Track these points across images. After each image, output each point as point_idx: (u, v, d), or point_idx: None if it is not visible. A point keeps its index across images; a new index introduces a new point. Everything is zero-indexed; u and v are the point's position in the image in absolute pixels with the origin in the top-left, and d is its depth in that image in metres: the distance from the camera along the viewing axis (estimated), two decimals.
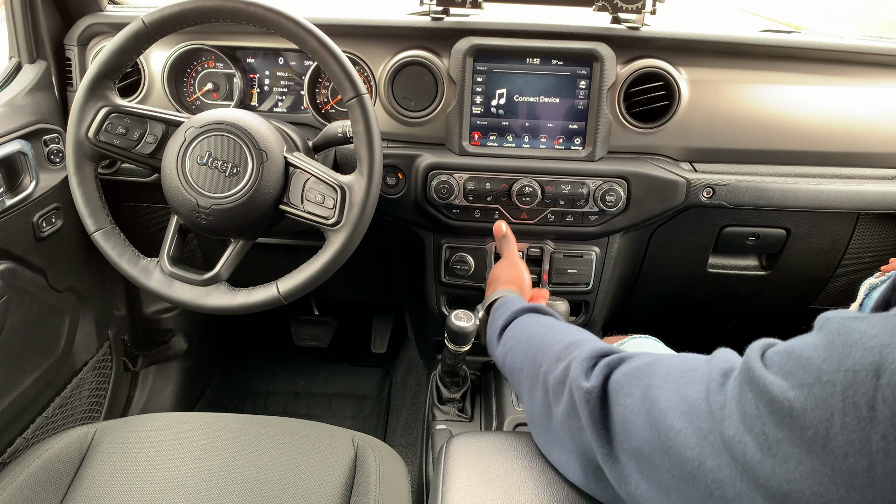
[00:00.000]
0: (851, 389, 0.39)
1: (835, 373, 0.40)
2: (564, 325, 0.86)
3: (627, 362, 0.64)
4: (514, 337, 0.88)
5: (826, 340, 0.42)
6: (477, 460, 0.81)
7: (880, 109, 1.26)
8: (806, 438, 0.41)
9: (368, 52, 1.27)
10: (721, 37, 1.25)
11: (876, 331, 0.40)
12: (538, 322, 0.88)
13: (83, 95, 1.03)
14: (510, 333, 0.90)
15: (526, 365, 0.80)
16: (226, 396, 2.04)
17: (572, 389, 0.67)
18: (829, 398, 0.40)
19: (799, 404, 0.41)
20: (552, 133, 1.26)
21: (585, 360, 0.68)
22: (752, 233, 1.38)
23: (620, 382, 0.62)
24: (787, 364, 0.44)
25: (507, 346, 0.89)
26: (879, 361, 0.38)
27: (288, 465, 0.98)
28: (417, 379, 1.92)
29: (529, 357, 0.80)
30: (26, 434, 1.27)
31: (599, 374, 0.65)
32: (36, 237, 1.22)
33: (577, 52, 1.21)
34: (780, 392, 0.43)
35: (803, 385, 0.42)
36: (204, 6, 0.99)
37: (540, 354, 0.77)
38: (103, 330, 1.54)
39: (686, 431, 0.51)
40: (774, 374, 0.45)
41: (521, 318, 0.91)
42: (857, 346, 0.40)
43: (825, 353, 0.42)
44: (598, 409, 0.63)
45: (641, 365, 0.63)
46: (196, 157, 1.01)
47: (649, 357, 0.64)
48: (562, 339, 0.77)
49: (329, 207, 1.01)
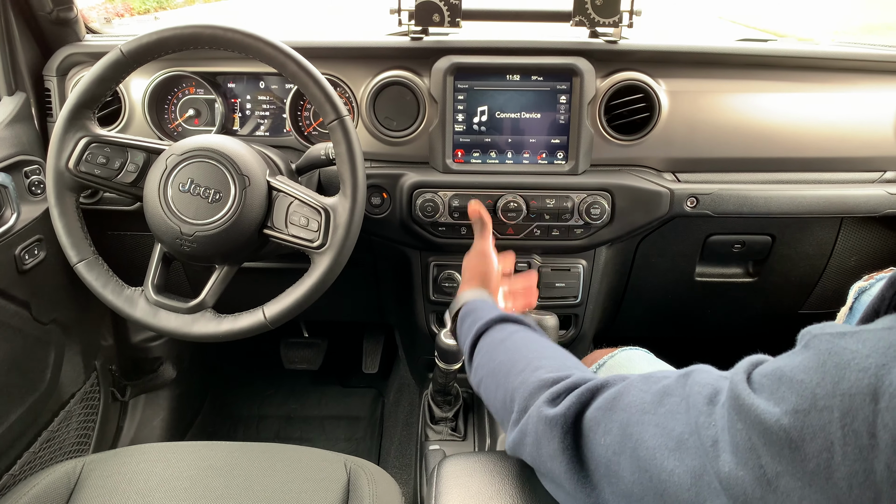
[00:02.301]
0: (850, 416, 0.36)
1: (830, 398, 0.38)
2: (525, 343, 0.80)
3: (599, 395, 0.60)
4: (482, 367, 0.82)
5: (817, 361, 0.40)
6: (469, 482, 0.80)
7: (858, 114, 1.27)
8: (808, 471, 0.38)
9: (349, 74, 1.28)
10: (698, 48, 1.26)
11: (868, 349, 0.38)
12: (501, 345, 0.81)
13: (62, 126, 1.03)
14: (477, 361, 0.84)
15: (497, 405, 0.75)
16: (217, 423, 2.01)
17: (534, 427, 0.62)
18: (828, 426, 0.37)
19: (796, 434, 0.39)
20: (535, 148, 1.27)
21: (543, 395, 0.64)
22: (737, 240, 1.39)
23: (596, 419, 0.58)
24: (778, 388, 0.42)
25: (478, 376, 0.83)
26: (876, 384, 0.36)
27: (280, 493, 0.97)
28: (410, 398, 1.91)
29: (499, 398, 0.74)
30: (13, 470, 1.25)
31: (570, 405, 0.60)
32: (18, 270, 1.21)
33: (556, 67, 1.22)
34: (774, 420, 0.40)
35: (798, 412, 0.39)
36: (181, 34, 0.99)
37: (507, 395, 0.72)
38: (90, 361, 1.52)
39: (678, 472, 0.48)
40: (765, 399, 0.42)
41: (484, 339, 0.85)
42: (851, 368, 0.38)
43: (818, 375, 0.39)
44: (573, 451, 0.59)
45: (611, 395, 0.58)
46: (178, 185, 1.00)
47: (616, 382, 0.60)
48: (520, 370, 0.72)
49: (314, 230, 1.01)
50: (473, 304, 0.95)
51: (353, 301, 1.68)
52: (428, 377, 1.53)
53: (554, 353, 0.76)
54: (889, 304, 0.44)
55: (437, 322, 1.46)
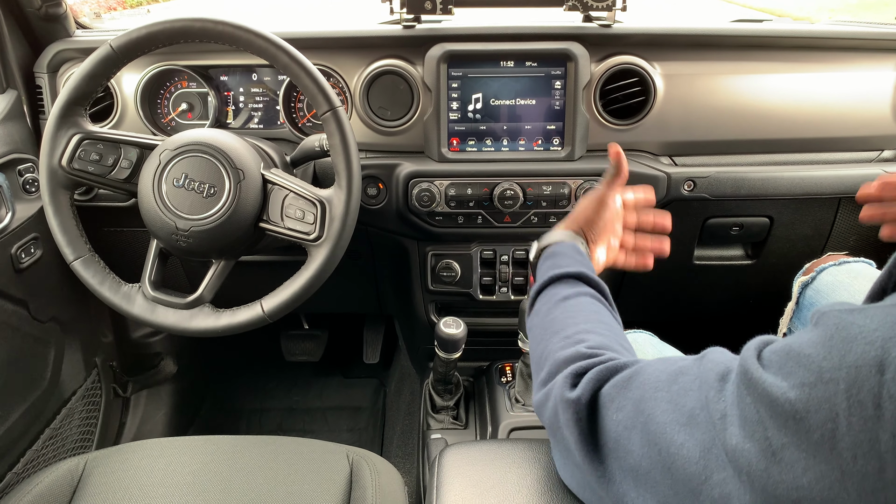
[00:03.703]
0: (855, 387, 0.37)
1: (837, 370, 0.38)
2: (586, 308, 0.78)
3: (617, 374, 0.61)
4: (538, 314, 0.81)
5: (824, 336, 0.40)
6: (470, 470, 0.80)
7: (854, 93, 1.27)
8: (812, 442, 0.39)
9: (341, 64, 1.27)
10: (693, 30, 1.25)
11: (876, 323, 0.38)
12: (563, 302, 0.79)
13: (54, 124, 1.02)
14: (537, 306, 0.83)
15: (535, 356, 0.75)
16: (219, 417, 2.02)
17: (555, 398, 0.64)
18: (833, 397, 0.38)
19: (801, 405, 0.39)
20: (530, 135, 1.26)
21: (569, 369, 0.65)
22: (735, 223, 1.38)
23: (610, 396, 0.59)
24: (786, 363, 0.42)
25: (532, 322, 0.82)
26: (882, 356, 0.36)
27: (283, 485, 0.97)
28: (411, 388, 1.91)
29: (538, 351, 0.74)
30: (17, 469, 1.25)
31: (588, 386, 0.61)
32: (15, 269, 1.21)
33: (550, 53, 1.21)
34: (781, 393, 0.41)
35: (804, 385, 0.40)
36: (171, 27, 0.98)
37: (545, 353, 0.72)
38: (90, 358, 1.52)
39: (688, 445, 0.48)
40: (773, 374, 0.42)
41: (552, 288, 0.82)
42: (858, 341, 0.38)
43: (825, 349, 0.40)
44: (587, 424, 0.60)
45: (627, 374, 0.59)
46: (172, 180, 1.00)
47: (635, 363, 0.61)
48: (566, 336, 0.72)
49: (309, 223, 1.01)
50: (560, 248, 0.89)
51: (351, 292, 1.67)
52: (429, 367, 1.53)
53: (607, 329, 0.74)
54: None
55: (436, 311, 1.46)
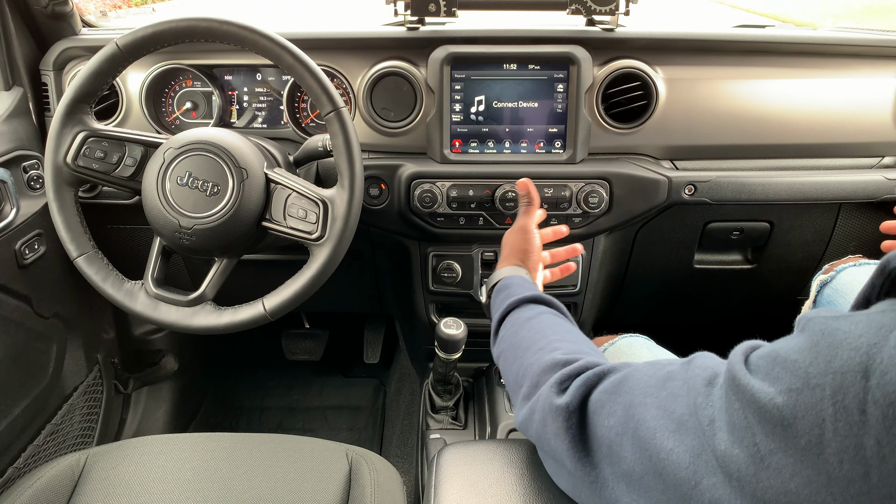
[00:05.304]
0: (841, 393, 0.37)
1: (822, 376, 0.39)
2: (550, 324, 0.82)
3: (605, 379, 0.61)
4: (505, 340, 0.85)
5: (811, 342, 0.41)
6: (468, 470, 0.80)
7: (856, 100, 1.27)
8: (799, 447, 0.39)
9: (345, 65, 1.28)
10: (695, 34, 1.25)
11: (861, 329, 0.39)
12: (527, 323, 0.84)
13: (59, 121, 1.03)
14: (502, 334, 0.87)
15: (511, 378, 0.78)
16: (220, 414, 2.03)
17: (542, 408, 0.64)
18: (819, 403, 0.38)
19: (789, 411, 0.40)
20: (532, 137, 1.27)
21: (553, 377, 0.65)
22: (735, 227, 1.39)
23: (601, 402, 0.59)
24: (773, 369, 0.43)
25: (500, 349, 0.86)
26: (867, 362, 0.37)
27: (282, 483, 0.98)
28: (411, 388, 1.92)
29: (514, 370, 0.77)
30: (18, 463, 1.26)
31: (576, 392, 0.62)
32: (19, 264, 1.21)
33: (553, 56, 1.22)
34: (768, 399, 0.41)
35: (791, 390, 0.40)
36: (177, 27, 0.98)
37: (522, 369, 0.75)
38: (92, 354, 1.53)
39: (678, 451, 0.49)
40: (760, 379, 0.43)
41: (513, 315, 0.88)
42: (843, 347, 0.39)
43: (811, 355, 0.40)
44: (577, 430, 0.60)
45: (616, 379, 0.60)
46: (176, 178, 1.01)
47: (623, 368, 0.61)
48: (539, 349, 0.74)
49: (312, 222, 1.01)
50: (510, 280, 0.97)
51: (352, 292, 1.68)
52: (428, 367, 1.54)
53: (574, 338, 0.78)
54: (879, 291, 0.44)
55: (437, 312, 1.47)
